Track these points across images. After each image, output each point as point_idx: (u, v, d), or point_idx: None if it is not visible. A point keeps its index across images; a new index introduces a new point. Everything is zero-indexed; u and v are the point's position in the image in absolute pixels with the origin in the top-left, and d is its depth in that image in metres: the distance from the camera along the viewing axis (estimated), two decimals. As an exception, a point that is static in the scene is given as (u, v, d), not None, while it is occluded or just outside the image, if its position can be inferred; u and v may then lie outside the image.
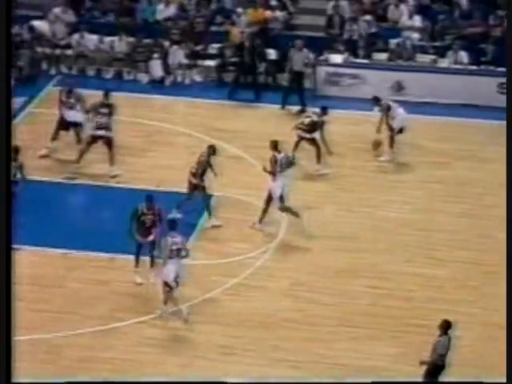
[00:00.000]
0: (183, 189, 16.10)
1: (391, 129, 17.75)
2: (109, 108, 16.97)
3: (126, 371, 12.26)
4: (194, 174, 15.50)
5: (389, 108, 17.84)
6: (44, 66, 21.12)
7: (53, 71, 21.06)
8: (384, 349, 12.80)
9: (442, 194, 16.77)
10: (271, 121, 19.28)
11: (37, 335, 12.83)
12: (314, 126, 17.17)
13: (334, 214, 16.01)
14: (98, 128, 16.75)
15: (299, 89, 19.83)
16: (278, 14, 21.91)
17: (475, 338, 12.94)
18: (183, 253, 13.23)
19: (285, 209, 15.34)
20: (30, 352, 12.47)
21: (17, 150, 14.84)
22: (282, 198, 15.27)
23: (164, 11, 22.05)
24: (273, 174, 15.23)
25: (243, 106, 19.95)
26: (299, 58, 19.84)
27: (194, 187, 15.53)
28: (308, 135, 17.22)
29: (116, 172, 16.77)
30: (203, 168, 15.52)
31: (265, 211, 15.40)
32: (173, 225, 13.48)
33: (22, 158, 15.51)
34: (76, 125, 17.36)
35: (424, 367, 11.43)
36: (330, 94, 20.48)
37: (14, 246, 13.99)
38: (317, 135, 17.27)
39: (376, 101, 18.14)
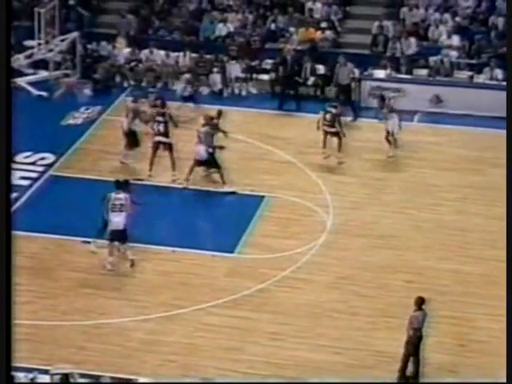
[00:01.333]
0: (238, 190, 16.23)
1: (387, 131, 17.89)
2: (164, 116, 16.95)
3: (186, 354, 12.32)
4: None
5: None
6: (117, 78, 21.42)
7: (125, 83, 21.32)
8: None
9: (477, 197, 16.55)
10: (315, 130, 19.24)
11: (109, 320, 12.94)
12: (334, 119, 17.43)
13: (377, 215, 15.90)
14: (157, 135, 16.82)
15: (348, 100, 19.74)
16: (327, 33, 21.91)
17: (504, 330, 12.69)
18: (125, 208, 13.76)
19: None
20: (99, 335, 12.64)
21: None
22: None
23: (223, 29, 22.22)
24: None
25: (294, 116, 19.95)
26: (344, 72, 19.83)
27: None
28: (332, 129, 17.44)
29: (176, 177, 16.80)
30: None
31: None
32: (118, 185, 14.10)
33: (95, 159, 15.75)
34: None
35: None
36: (374, 106, 20.39)
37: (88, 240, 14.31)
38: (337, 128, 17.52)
39: (381, 99, 18.28)
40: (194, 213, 15.70)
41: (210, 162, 16.46)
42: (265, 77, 21.20)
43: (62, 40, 17.62)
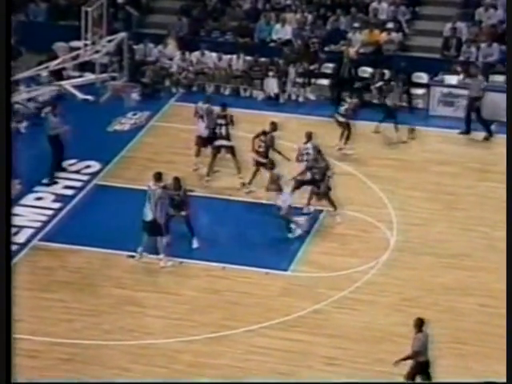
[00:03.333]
0: (294, 203, 16.38)
1: None
2: (225, 119, 17.33)
3: (235, 378, 12.46)
4: (259, 152, 16.37)
5: None
6: (167, 83, 21.78)
7: (174, 88, 21.68)
8: (494, 367, 12.56)
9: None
10: (379, 139, 19.30)
11: (154, 340, 13.18)
12: (347, 112, 18.22)
13: (446, 232, 15.86)
14: (219, 138, 17.15)
15: (477, 115, 19.44)
16: (393, 35, 21.91)
17: None
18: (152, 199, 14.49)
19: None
20: (147, 356, 12.85)
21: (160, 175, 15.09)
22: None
23: (281, 31, 22.43)
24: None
25: (355, 124, 20.01)
26: (475, 84, 19.54)
27: (259, 164, 16.56)
28: (344, 119, 18.25)
29: (243, 180, 17.01)
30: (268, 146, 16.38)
31: None
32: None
33: (142, 168, 16.04)
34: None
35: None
36: (444, 114, 20.35)
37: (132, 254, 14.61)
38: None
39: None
40: (247, 227, 15.88)
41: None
42: (324, 82, 21.34)
43: (110, 41, 17.93)
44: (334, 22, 22.48)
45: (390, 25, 22.09)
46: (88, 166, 17.98)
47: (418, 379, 11.83)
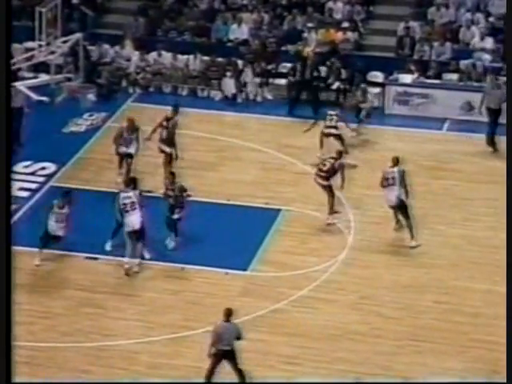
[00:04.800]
0: (252, 203, 16.38)
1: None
2: (168, 122, 16.95)
3: (194, 378, 12.43)
4: (323, 177, 15.97)
5: None
6: (123, 83, 21.66)
7: (131, 89, 21.56)
8: (450, 364, 12.70)
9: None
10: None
11: (113, 341, 13.10)
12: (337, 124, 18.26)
13: (402, 230, 15.97)
14: (159, 141, 16.91)
15: (495, 126, 18.96)
16: (349, 34, 22.06)
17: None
18: (136, 205, 14.30)
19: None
20: (106, 358, 12.77)
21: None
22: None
23: (237, 31, 22.43)
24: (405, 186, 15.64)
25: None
26: (496, 95, 18.91)
27: (325, 187, 16.12)
28: (336, 131, 18.13)
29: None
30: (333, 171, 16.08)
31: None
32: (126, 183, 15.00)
33: (99, 169, 15.92)
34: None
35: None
36: (399, 113, 20.52)
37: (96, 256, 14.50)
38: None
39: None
40: (205, 227, 15.85)
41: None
42: (281, 81, 21.39)
43: (65, 41, 17.82)
44: (290, 22, 22.57)
45: (346, 24, 22.24)
46: (43, 168, 17.82)
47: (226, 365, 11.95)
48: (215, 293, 14.23)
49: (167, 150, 16.84)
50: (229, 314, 11.94)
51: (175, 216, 15.13)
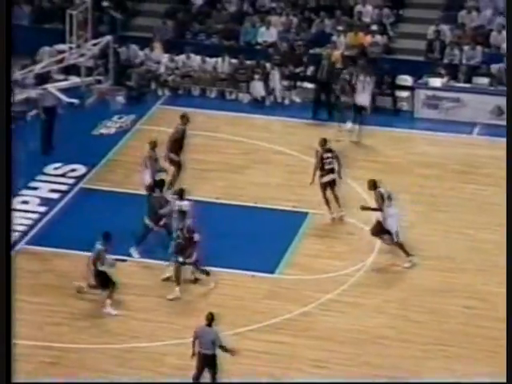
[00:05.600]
0: (280, 206, 16.42)
1: None
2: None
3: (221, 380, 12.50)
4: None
5: None
6: (152, 86, 21.78)
7: (160, 91, 21.66)
8: (478, 369, 12.65)
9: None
10: (367, 142, 19.37)
11: (140, 344, 13.19)
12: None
13: (430, 234, 15.95)
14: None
15: None
16: (378, 38, 22.04)
17: None
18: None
19: (400, 245, 15.15)
20: (133, 359, 12.87)
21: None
22: (397, 233, 15.06)
23: (266, 34, 22.50)
24: (380, 209, 15.04)
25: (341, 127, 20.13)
26: None
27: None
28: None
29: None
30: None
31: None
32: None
33: (128, 172, 16.09)
34: None
35: None
36: (429, 117, 20.47)
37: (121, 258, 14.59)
38: None
39: None
40: (232, 230, 15.90)
41: None
42: (309, 84, 21.40)
43: (95, 44, 17.98)
44: (318, 25, 22.60)
45: (375, 27, 22.23)
46: (73, 170, 17.97)
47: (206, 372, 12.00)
48: (241, 295, 14.29)
49: (176, 158, 16.84)
50: (210, 318, 12.00)
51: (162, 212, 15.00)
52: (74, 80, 18.15)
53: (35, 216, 16.38)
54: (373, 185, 15.23)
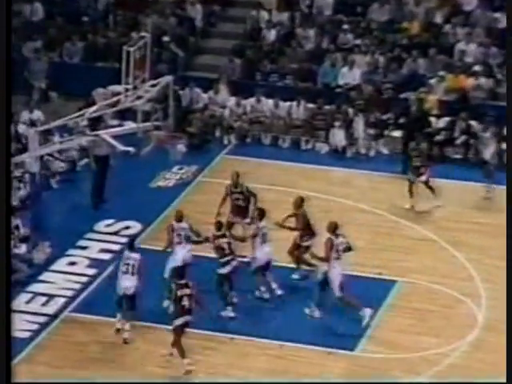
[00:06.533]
0: (363, 272, 16.61)
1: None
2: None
3: None
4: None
5: None
6: (217, 133, 22.37)
7: (225, 139, 22.26)
8: None
9: None
10: (465, 200, 19.51)
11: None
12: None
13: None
14: None
15: None
16: (482, 80, 22.19)
17: None
18: (136, 270, 15.11)
19: (346, 302, 15.45)
20: None
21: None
22: (342, 288, 15.43)
23: (348, 75, 22.90)
24: (326, 260, 15.50)
25: (434, 183, 20.26)
26: None
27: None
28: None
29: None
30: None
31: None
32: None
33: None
34: None
35: None
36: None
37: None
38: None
39: None
40: (306, 299, 16.09)
41: None
42: (398, 134, 21.65)
43: (153, 85, 18.45)
44: (410, 65, 22.86)
45: (478, 68, 22.37)
46: (127, 227, 18.46)
47: None
48: (315, 375, 14.46)
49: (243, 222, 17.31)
50: None
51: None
52: (130, 126, 18.59)
53: (84, 279, 16.86)
54: (333, 228, 15.59)
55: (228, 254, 15.72)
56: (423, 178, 18.95)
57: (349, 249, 15.75)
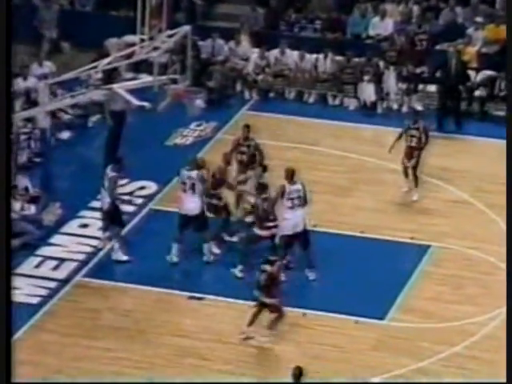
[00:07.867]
0: (394, 236, 16.56)
1: None
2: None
3: None
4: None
5: None
6: (238, 87, 22.30)
7: (247, 94, 22.18)
8: None
9: None
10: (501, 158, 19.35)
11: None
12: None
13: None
14: None
15: None
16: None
17: None
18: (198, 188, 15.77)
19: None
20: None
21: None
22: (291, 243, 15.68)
23: (380, 25, 22.75)
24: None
25: (471, 140, 20.16)
26: None
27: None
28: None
29: None
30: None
31: None
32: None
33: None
34: None
35: None
36: None
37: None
38: None
39: None
40: (332, 264, 16.10)
41: None
42: (433, 88, 21.54)
43: (170, 36, 18.42)
44: (448, 15, 22.67)
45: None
46: (142, 188, 18.51)
47: None
48: (342, 346, 14.48)
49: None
50: (298, 374, 12.07)
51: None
52: (145, 79, 18.60)
53: (96, 242, 16.87)
54: (290, 175, 15.62)
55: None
56: (413, 161, 17.99)
57: (304, 200, 15.67)
